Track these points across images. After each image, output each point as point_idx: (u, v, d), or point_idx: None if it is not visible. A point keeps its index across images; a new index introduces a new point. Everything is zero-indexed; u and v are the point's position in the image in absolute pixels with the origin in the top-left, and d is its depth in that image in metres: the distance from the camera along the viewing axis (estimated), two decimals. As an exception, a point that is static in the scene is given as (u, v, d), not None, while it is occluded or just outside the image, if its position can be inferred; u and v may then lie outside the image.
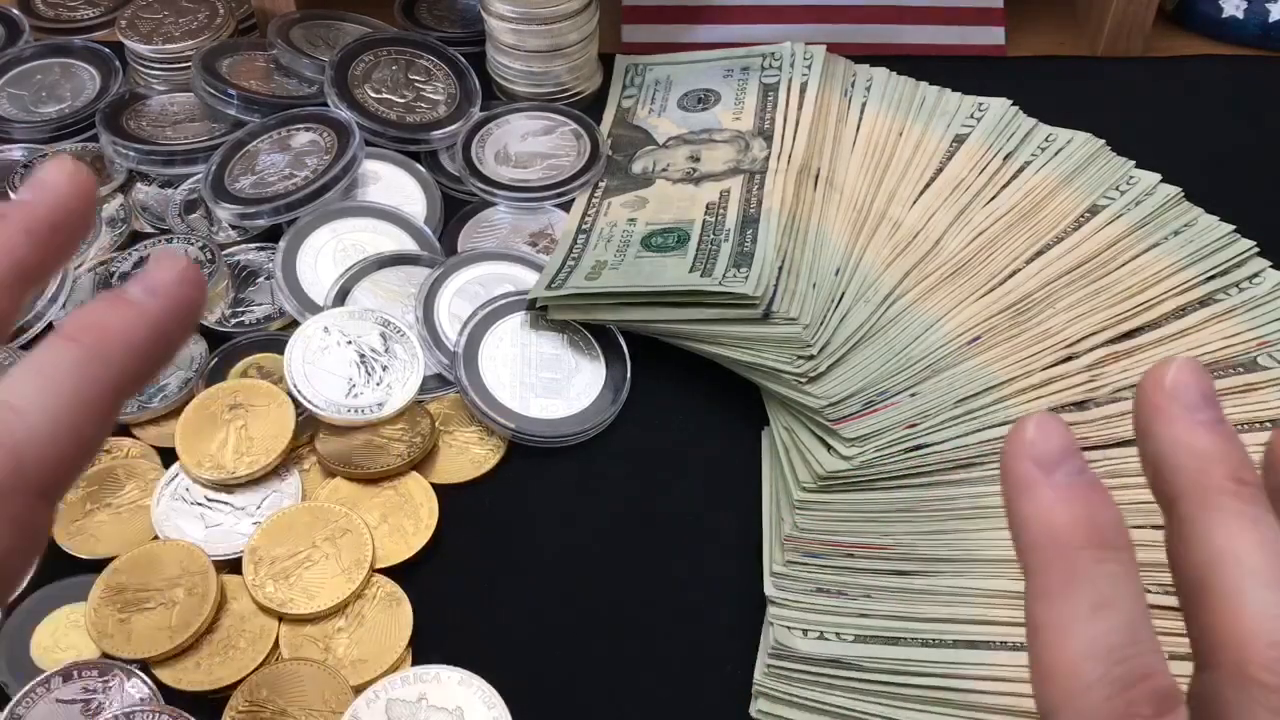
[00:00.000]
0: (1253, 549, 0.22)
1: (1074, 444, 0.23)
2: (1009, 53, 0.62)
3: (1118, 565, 0.22)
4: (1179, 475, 0.23)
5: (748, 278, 0.45)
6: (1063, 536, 0.22)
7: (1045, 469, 0.23)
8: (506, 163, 0.54)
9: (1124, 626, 0.21)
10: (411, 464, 0.44)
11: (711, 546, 0.43)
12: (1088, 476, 0.23)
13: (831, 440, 0.42)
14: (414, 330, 0.47)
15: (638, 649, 0.40)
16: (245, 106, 0.55)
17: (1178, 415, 0.23)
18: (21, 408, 0.23)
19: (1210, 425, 0.23)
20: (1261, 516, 0.22)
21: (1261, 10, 0.62)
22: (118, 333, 0.25)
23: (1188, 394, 0.24)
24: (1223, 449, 0.23)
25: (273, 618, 0.40)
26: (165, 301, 0.26)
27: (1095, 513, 0.22)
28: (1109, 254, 0.48)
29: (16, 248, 0.26)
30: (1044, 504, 0.22)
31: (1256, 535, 0.22)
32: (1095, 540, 0.22)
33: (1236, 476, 0.23)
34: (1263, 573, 0.21)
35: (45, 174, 0.27)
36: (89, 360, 0.24)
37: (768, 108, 0.55)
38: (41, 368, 0.24)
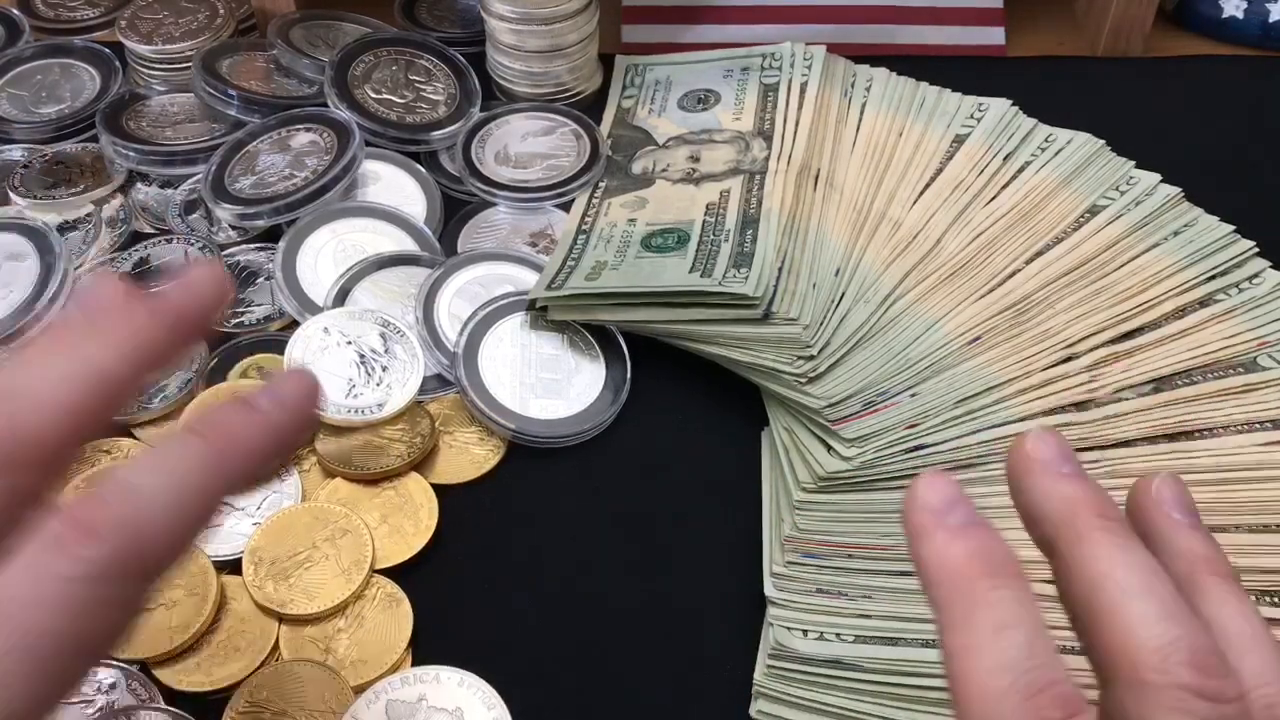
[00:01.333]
0: (1125, 570, 0.24)
1: (961, 494, 0.26)
2: (1009, 53, 0.62)
3: (1011, 591, 0.24)
4: (1053, 520, 0.26)
5: (748, 278, 0.45)
6: (959, 571, 0.24)
7: (937, 516, 0.25)
8: (506, 163, 0.54)
9: (1024, 643, 0.23)
10: (411, 464, 0.44)
11: (711, 546, 0.43)
12: (976, 517, 0.25)
13: (831, 440, 0.42)
14: (414, 330, 0.47)
15: (638, 649, 0.40)
16: (245, 107, 0.55)
17: (1042, 472, 0.26)
18: (146, 494, 0.25)
19: (1071, 476, 0.26)
20: (1127, 543, 0.25)
21: (1261, 10, 0.62)
22: (243, 439, 0.27)
23: (1048, 453, 0.27)
24: (1086, 493, 0.26)
25: (273, 618, 0.40)
26: (289, 415, 0.28)
27: (986, 547, 0.25)
28: (1109, 254, 0.48)
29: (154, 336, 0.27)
30: (939, 545, 0.25)
31: (1126, 558, 0.24)
32: (988, 571, 0.24)
33: (1101, 514, 0.25)
34: (1137, 588, 0.24)
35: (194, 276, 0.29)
36: (212, 459, 0.26)
37: (768, 108, 0.55)
38: (169, 460, 0.26)
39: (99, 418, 0.26)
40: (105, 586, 0.24)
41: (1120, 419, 0.43)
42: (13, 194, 0.53)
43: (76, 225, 0.52)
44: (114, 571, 0.24)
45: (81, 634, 0.24)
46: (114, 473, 0.25)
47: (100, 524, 0.24)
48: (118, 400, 0.27)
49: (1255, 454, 0.42)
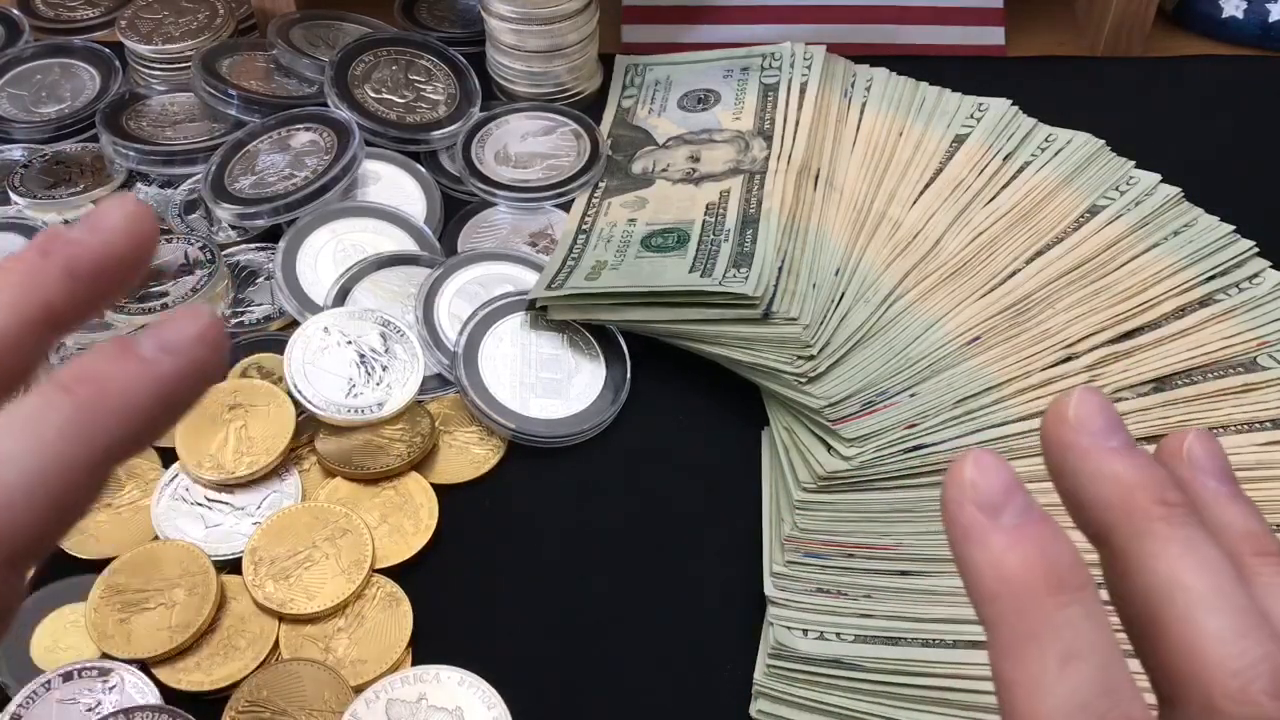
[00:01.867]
0: (1196, 574, 0.21)
1: (1016, 479, 0.22)
2: (1009, 53, 0.62)
3: (1081, 607, 0.20)
4: (1105, 509, 0.22)
5: (748, 278, 0.45)
6: (1019, 584, 0.21)
7: (990, 512, 0.21)
8: (506, 163, 0.54)
9: (1097, 678, 0.20)
10: (411, 464, 0.44)
11: (711, 546, 0.43)
12: (1036, 512, 0.22)
13: (831, 440, 0.42)
14: (414, 330, 0.47)
15: (638, 649, 0.40)
16: (245, 106, 0.55)
17: (1089, 447, 0.22)
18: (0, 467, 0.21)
19: (1124, 451, 0.22)
20: (1195, 536, 0.21)
21: (1261, 10, 0.62)
22: (118, 390, 0.22)
23: (1094, 422, 0.22)
24: (1142, 473, 0.22)
25: (273, 618, 0.40)
26: (178, 362, 0.23)
27: (1050, 552, 0.21)
28: (1109, 254, 0.48)
29: (50, 288, 0.23)
30: (995, 551, 0.21)
31: (1196, 559, 0.21)
32: (1054, 584, 0.21)
33: (1162, 499, 0.22)
34: (1211, 598, 0.20)
35: (103, 213, 0.24)
36: (81, 417, 0.22)
37: (768, 108, 0.55)
38: (27, 421, 0.21)
39: None
40: None
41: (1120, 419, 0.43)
42: (13, 194, 0.53)
43: (76, 225, 0.52)
44: None
45: None
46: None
47: None
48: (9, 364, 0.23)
49: (1255, 454, 0.42)
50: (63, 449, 0.21)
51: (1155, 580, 0.21)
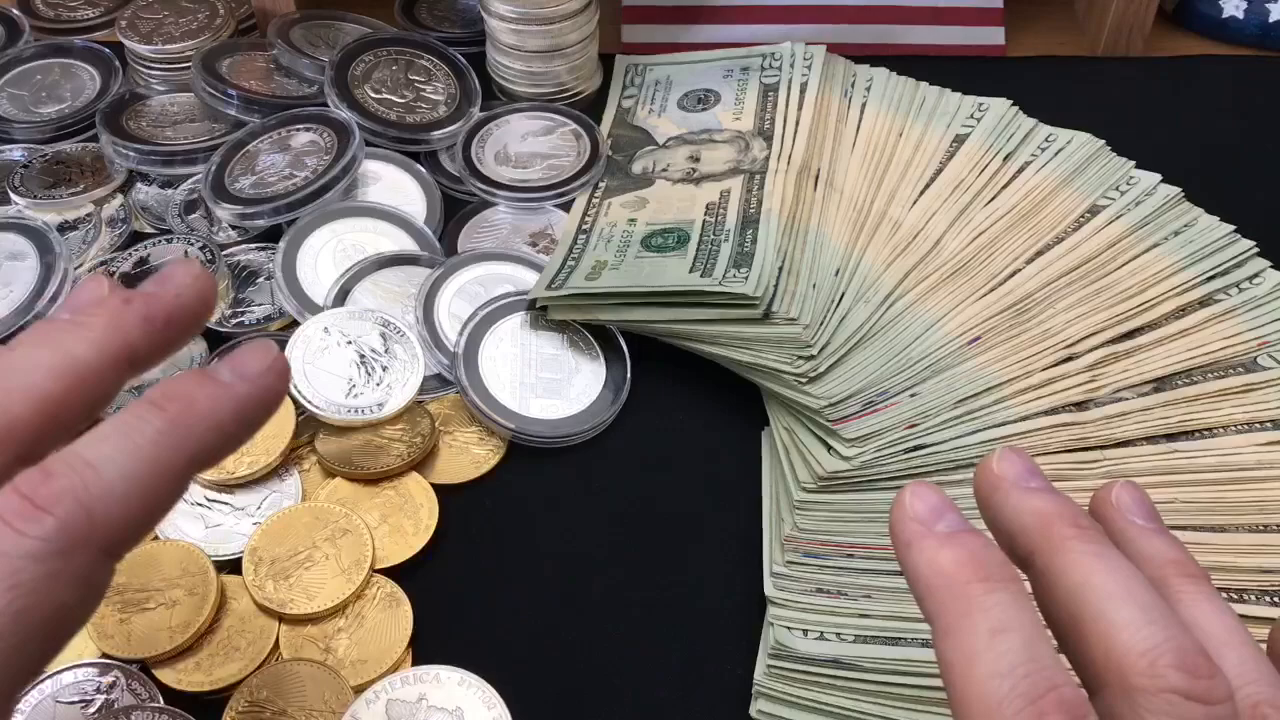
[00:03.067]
0: (1105, 577, 0.24)
1: (949, 502, 0.26)
2: (1009, 53, 0.62)
3: (1007, 594, 0.24)
4: (1028, 535, 0.26)
5: (748, 278, 0.45)
6: (952, 575, 0.24)
7: (925, 524, 0.25)
8: (506, 163, 0.54)
9: (1022, 646, 0.23)
10: (411, 464, 0.44)
11: (711, 546, 0.43)
12: (965, 525, 0.25)
13: (831, 440, 0.42)
14: (414, 330, 0.47)
15: (638, 649, 0.40)
16: (245, 106, 0.55)
17: (1011, 487, 0.26)
18: (99, 466, 0.24)
19: (1041, 490, 0.26)
20: (1103, 550, 0.25)
21: (1261, 10, 0.62)
22: (203, 408, 0.26)
23: (1015, 470, 0.27)
24: (1057, 505, 0.26)
25: (273, 618, 0.40)
26: (252, 387, 0.27)
27: (978, 552, 0.24)
28: (1109, 254, 0.48)
29: (131, 331, 0.27)
30: (930, 551, 0.25)
31: (1105, 564, 0.24)
32: (982, 574, 0.24)
33: (1075, 524, 0.25)
34: (1119, 594, 0.23)
35: (172, 272, 0.29)
36: (171, 429, 0.25)
37: (768, 108, 0.55)
38: (125, 430, 0.25)
39: (74, 408, 0.26)
40: (54, 562, 0.23)
41: (1120, 419, 0.43)
42: (13, 194, 0.53)
43: (76, 225, 0.52)
44: (63, 546, 0.23)
45: (34, 611, 0.23)
46: (67, 447, 0.25)
47: (45, 497, 0.23)
48: (94, 393, 0.26)
49: (1255, 454, 0.42)
50: (155, 454, 0.25)
51: (1071, 585, 0.24)
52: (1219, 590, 0.38)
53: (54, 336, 0.27)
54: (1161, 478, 0.41)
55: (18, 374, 0.26)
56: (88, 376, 0.26)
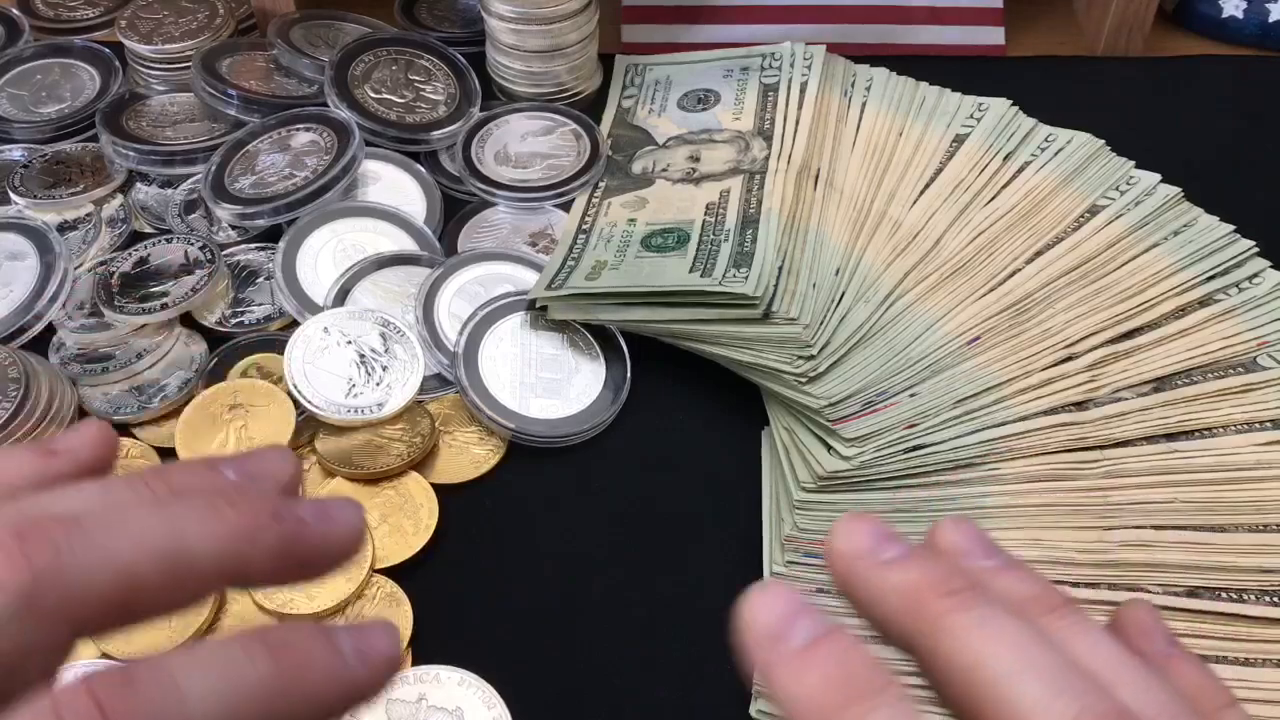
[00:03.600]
0: (996, 649, 0.21)
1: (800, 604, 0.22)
2: (1009, 53, 0.62)
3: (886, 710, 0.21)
4: (899, 619, 0.23)
5: (748, 278, 0.45)
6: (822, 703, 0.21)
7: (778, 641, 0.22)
8: (506, 163, 0.54)
9: None
10: (411, 464, 0.44)
11: (711, 546, 0.43)
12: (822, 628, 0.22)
13: (831, 440, 0.42)
14: (414, 330, 0.47)
15: (637, 649, 0.40)
16: (245, 106, 0.55)
17: (866, 570, 0.23)
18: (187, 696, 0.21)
19: (898, 561, 0.23)
20: (986, 614, 0.22)
21: (1261, 10, 0.62)
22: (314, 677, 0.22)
23: (860, 542, 0.24)
24: (921, 574, 0.23)
25: (273, 618, 0.40)
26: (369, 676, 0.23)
27: (841, 666, 0.22)
28: (1109, 254, 0.48)
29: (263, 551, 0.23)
30: (791, 677, 0.22)
31: (993, 634, 0.22)
32: (853, 695, 0.21)
33: (946, 590, 0.22)
34: (1018, 667, 0.21)
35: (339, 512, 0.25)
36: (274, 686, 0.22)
37: (768, 108, 0.55)
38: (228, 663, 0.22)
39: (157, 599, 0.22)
40: None
41: (1120, 419, 0.43)
42: (13, 194, 0.53)
43: (76, 225, 0.52)
44: None
45: None
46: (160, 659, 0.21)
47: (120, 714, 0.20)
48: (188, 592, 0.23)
49: (1255, 454, 0.42)
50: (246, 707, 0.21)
51: (964, 667, 0.21)
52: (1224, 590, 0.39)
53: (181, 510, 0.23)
54: (1161, 478, 0.41)
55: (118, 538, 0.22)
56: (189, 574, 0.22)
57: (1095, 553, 0.39)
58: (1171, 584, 0.39)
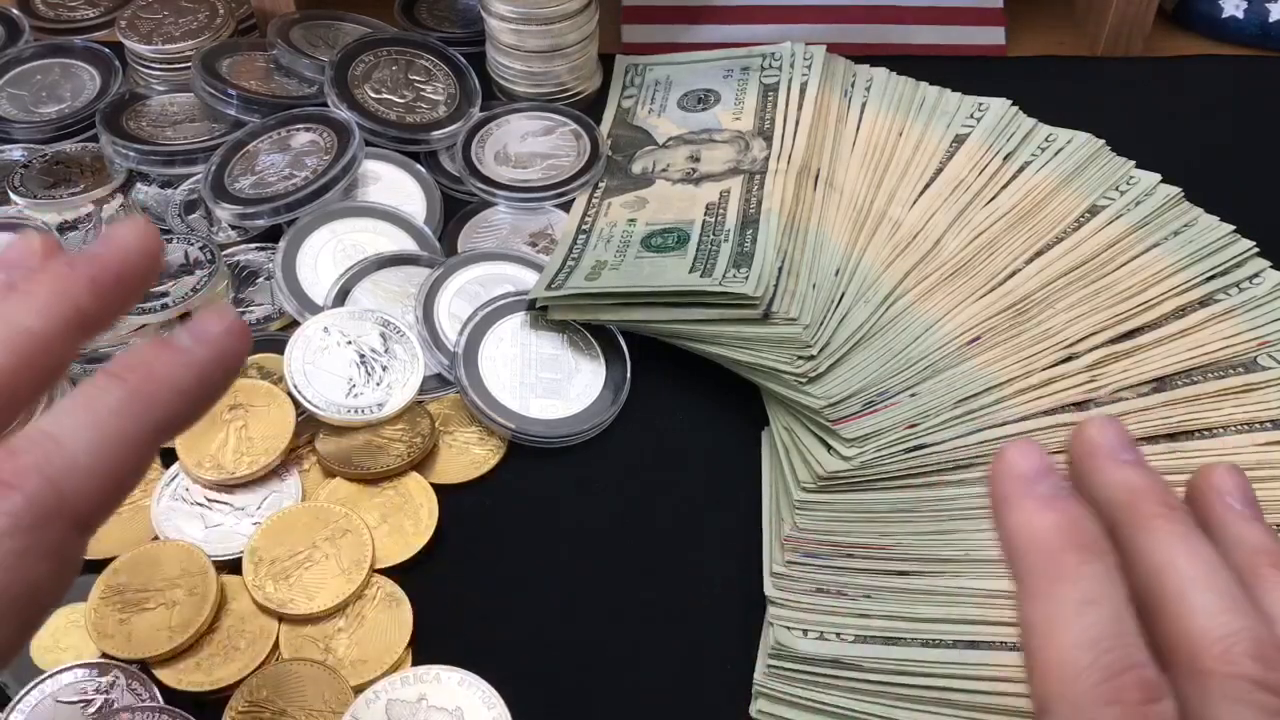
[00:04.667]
0: (1188, 560, 0.24)
1: (1053, 465, 0.25)
2: (1009, 53, 0.62)
3: (1101, 565, 0.23)
4: (1115, 508, 0.25)
5: (748, 278, 0.45)
6: (1047, 540, 0.24)
7: (1026, 484, 0.25)
8: (506, 163, 0.54)
9: (1110, 619, 0.23)
10: (411, 464, 0.44)
11: (711, 546, 0.43)
12: (1068, 491, 0.25)
13: (831, 440, 0.42)
14: (414, 330, 0.47)
15: (638, 649, 0.40)
16: (245, 106, 0.55)
17: (1106, 459, 0.27)
18: (64, 439, 0.24)
19: (1135, 464, 0.26)
20: (1189, 533, 0.25)
21: (1261, 10, 0.62)
22: (164, 375, 0.26)
23: (1111, 441, 0.27)
24: (1148, 482, 0.26)
25: (273, 618, 0.40)
26: (211, 350, 0.27)
27: (1077, 521, 0.24)
28: (1109, 254, 0.48)
29: (80, 295, 0.26)
30: (1028, 513, 0.24)
31: (1188, 548, 0.24)
32: (1078, 543, 0.24)
33: (1164, 502, 0.25)
34: (1200, 578, 0.23)
35: (116, 231, 0.28)
36: (133, 399, 0.25)
37: (767, 108, 0.55)
38: (87, 402, 0.25)
39: (28, 381, 0.26)
40: (24, 538, 0.23)
41: (1120, 419, 0.43)
42: (13, 194, 0.53)
43: (76, 225, 0.52)
44: (32, 522, 0.23)
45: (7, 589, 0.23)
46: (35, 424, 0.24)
47: (10, 474, 0.23)
48: (47, 363, 0.26)
49: (1255, 454, 0.42)
50: (119, 425, 0.25)
51: (1154, 564, 0.24)
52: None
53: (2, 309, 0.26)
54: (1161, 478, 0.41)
55: None
56: (39, 347, 0.26)
57: (1095, 553, 0.39)
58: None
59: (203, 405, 0.27)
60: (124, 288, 0.28)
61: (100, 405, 0.25)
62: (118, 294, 0.28)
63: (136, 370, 0.26)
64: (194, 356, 0.27)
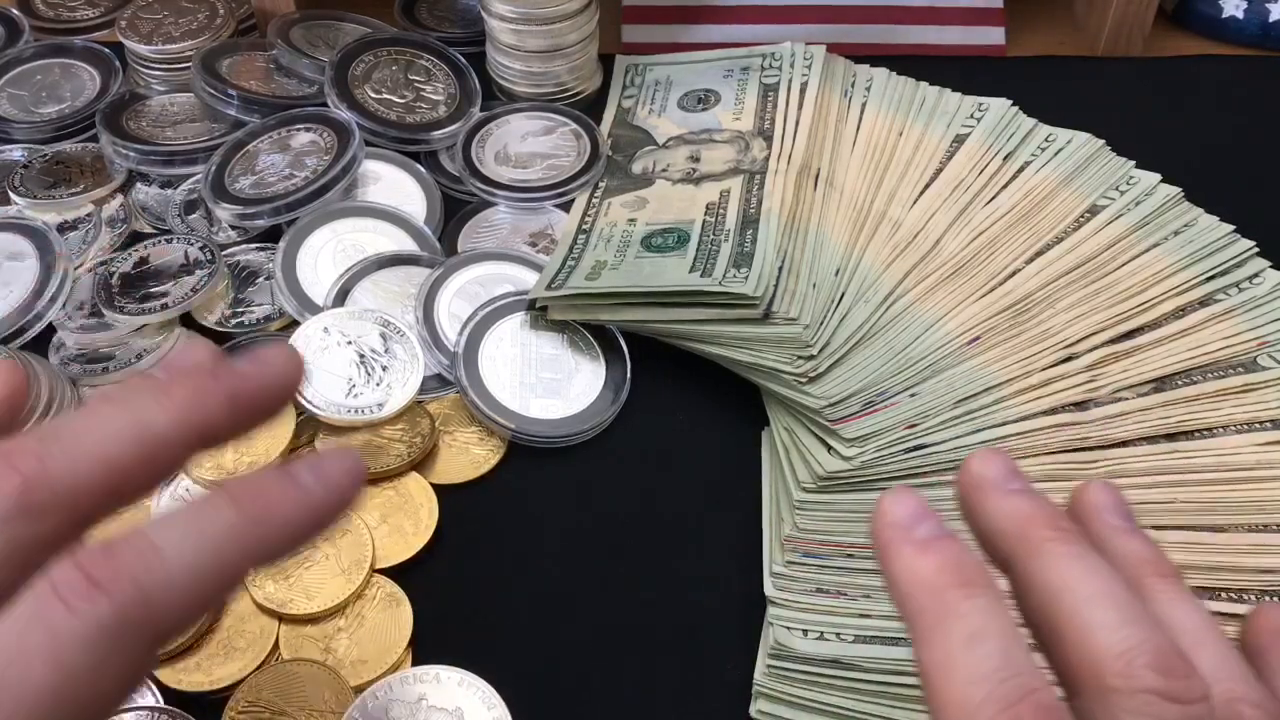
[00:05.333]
0: (1081, 578, 0.24)
1: (928, 508, 0.25)
2: (1009, 53, 0.62)
3: (984, 599, 0.23)
4: (1006, 538, 0.25)
5: (748, 278, 0.45)
6: (929, 582, 0.24)
7: (905, 529, 0.25)
8: (506, 163, 0.54)
9: (1000, 651, 0.23)
10: (411, 464, 0.44)
11: (711, 546, 0.43)
12: (944, 531, 0.25)
13: (831, 440, 0.42)
14: (414, 330, 0.47)
15: (638, 649, 0.40)
16: (245, 106, 0.55)
17: (992, 489, 0.26)
18: (166, 553, 0.23)
19: (1021, 492, 0.26)
20: (1081, 552, 0.24)
21: (1261, 10, 0.62)
22: (279, 512, 0.25)
23: (996, 471, 0.27)
24: (1036, 507, 0.26)
25: (273, 618, 0.40)
26: (332, 495, 0.26)
27: (955, 558, 0.24)
28: (1109, 254, 0.48)
29: (215, 410, 0.26)
30: (908, 557, 0.25)
31: (1081, 566, 0.24)
32: (959, 580, 0.24)
33: (1053, 525, 0.25)
34: (1096, 596, 0.23)
35: (268, 355, 0.28)
36: (245, 528, 0.25)
37: (768, 108, 0.55)
38: (197, 519, 0.24)
39: (139, 477, 0.25)
40: (103, 647, 0.22)
41: (1120, 419, 0.43)
42: (13, 194, 0.53)
43: (76, 225, 0.52)
44: (116, 630, 0.22)
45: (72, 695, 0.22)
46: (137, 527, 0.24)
47: (105, 577, 0.22)
48: (164, 464, 0.26)
49: (1255, 454, 0.42)
50: (222, 550, 0.24)
51: (1049, 587, 0.24)
52: (1224, 590, 0.39)
53: (135, 401, 0.26)
54: (1161, 478, 0.41)
55: (91, 437, 0.25)
56: (160, 449, 0.25)
57: (1095, 553, 0.39)
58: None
59: (305, 544, 0.26)
60: (259, 410, 0.28)
61: (210, 527, 0.24)
62: (250, 415, 0.27)
63: (255, 500, 0.25)
64: (313, 498, 0.26)
